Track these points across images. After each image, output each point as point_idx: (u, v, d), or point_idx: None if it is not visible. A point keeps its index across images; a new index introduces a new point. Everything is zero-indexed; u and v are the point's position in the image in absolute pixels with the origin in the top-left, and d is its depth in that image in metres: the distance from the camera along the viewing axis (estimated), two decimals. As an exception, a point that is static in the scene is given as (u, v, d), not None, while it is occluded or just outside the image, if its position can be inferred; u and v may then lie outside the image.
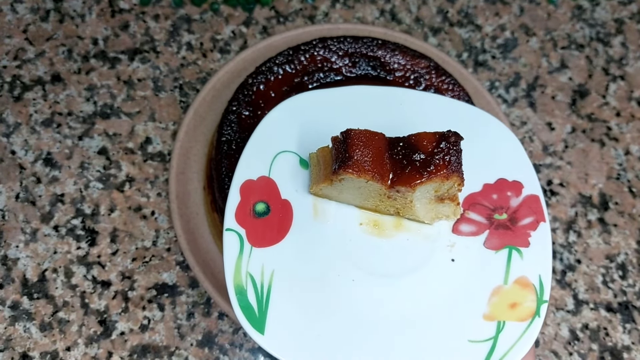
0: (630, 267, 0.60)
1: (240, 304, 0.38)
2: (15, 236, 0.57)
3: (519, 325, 0.39)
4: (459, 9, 0.70)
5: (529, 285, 0.41)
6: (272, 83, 0.55)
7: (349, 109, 0.46)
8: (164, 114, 0.63)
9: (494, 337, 0.39)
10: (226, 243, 0.40)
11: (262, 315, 0.38)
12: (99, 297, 0.55)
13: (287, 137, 0.44)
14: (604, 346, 0.57)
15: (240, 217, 0.41)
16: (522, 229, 0.43)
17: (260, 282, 0.39)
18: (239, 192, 0.41)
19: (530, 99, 0.66)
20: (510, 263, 0.42)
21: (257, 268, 0.39)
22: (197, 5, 0.68)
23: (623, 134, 0.65)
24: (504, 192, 0.44)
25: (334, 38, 0.56)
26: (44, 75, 0.63)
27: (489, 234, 0.43)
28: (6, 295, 0.55)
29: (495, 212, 0.43)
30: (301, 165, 0.43)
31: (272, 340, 0.38)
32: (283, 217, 0.42)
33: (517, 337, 0.39)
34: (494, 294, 0.40)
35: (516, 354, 0.38)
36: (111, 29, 0.66)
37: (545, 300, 0.40)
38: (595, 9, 0.71)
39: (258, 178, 0.42)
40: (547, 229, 0.43)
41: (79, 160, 0.60)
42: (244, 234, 0.40)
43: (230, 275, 0.39)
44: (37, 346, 0.53)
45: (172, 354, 0.54)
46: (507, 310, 0.40)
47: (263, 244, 0.40)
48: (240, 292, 0.38)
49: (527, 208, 0.43)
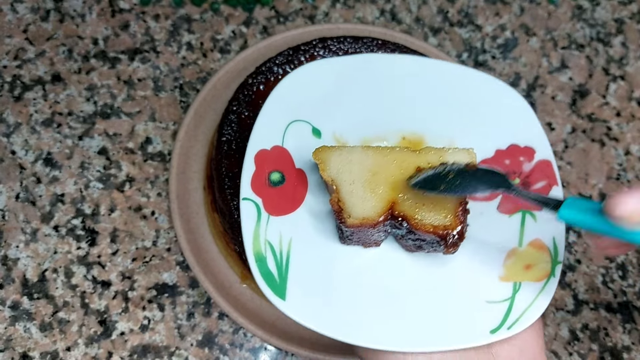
0: (630, 267, 0.60)
1: (260, 271, 0.38)
2: (15, 236, 0.57)
3: (535, 285, 0.40)
4: (459, 9, 0.70)
5: (544, 247, 0.41)
6: (272, 83, 0.55)
7: (359, 77, 0.46)
8: (164, 113, 0.63)
9: (510, 297, 0.40)
10: (243, 212, 0.40)
11: (282, 282, 0.38)
12: (99, 297, 0.55)
13: (298, 106, 0.44)
14: (604, 346, 0.57)
15: (256, 187, 0.41)
16: (535, 192, 0.43)
17: (279, 249, 0.39)
18: (253, 161, 0.41)
19: (530, 99, 0.66)
20: (524, 226, 0.42)
21: (275, 236, 0.40)
22: (197, 5, 0.68)
23: (623, 133, 0.65)
24: (516, 158, 0.44)
25: (334, 38, 0.56)
26: (44, 75, 0.63)
27: (502, 198, 0.43)
28: (6, 295, 0.55)
29: (509, 176, 0.43)
30: (314, 134, 0.44)
31: (293, 305, 0.38)
32: (298, 185, 0.42)
33: (534, 297, 0.39)
34: (509, 256, 0.41)
35: (533, 313, 0.39)
36: (111, 28, 0.66)
37: (559, 262, 0.40)
38: (595, 8, 0.71)
39: (272, 148, 0.42)
40: (560, 192, 0.43)
41: (79, 160, 0.60)
42: (260, 203, 0.40)
43: (249, 244, 0.39)
44: (37, 346, 0.53)
45: (172, 354, 0.54)
46: (522, 271, 0.40)
47: (280, 212, 0.41)
48: (260, 259, 0.39)
49: (540, 172, 0.44)
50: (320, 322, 0.38)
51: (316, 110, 0.44)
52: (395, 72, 0.46)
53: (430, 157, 0.40)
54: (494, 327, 0.38)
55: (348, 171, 0.39)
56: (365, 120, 0.45)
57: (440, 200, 0.38)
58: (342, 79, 0.45)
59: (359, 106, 0.45)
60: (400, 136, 0.45)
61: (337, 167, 0.39)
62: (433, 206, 0.38)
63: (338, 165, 0.40)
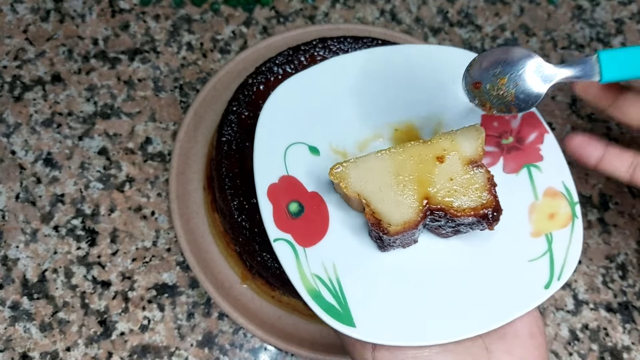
0: (630, 267, 0.60)
1: (321, 306, 0.37)
2: (15, 236, 0.57)
3: (564, 231, 0.41)
4: (459, 9, 0.70)
5: (558, 194, 0.43)
6: (272, 83, 0.55)
7: (335, 83, 0.45)
8: (164, 114, 0.63)
9: (548, 249, 0.41)
10: (280, 254, 0.39)
11: (345, 310, 0.38)
12: (99, 297, 0.55)
13: (287, 129, 0.43)
14: (604, 346, 0.57)
15: (281, 223, 0.40)
16: (531, 145, 0.44)
17: (328, 278, 0.39)
18: (267, 199, 0.40)
19: (530, 99, 0.66)
20: (533, 180, 0.43)
21: (319, 267, 0.39)
22: (197, 5, 0.68)
23: (623, 134, 0.65)
24: (502, 117, 0.45)
25: (334, 38, 0.56)
26: (44, 75, 0.63)
27: (503, 160, 0.44)
28: (6, 296, 0.55)
29: (501, 138, 0.45)
30: (312, 152, 0.43)
31: (365, 329, 0.37)
32: (318, 209, 0.41)
33: (568, 242, 0.41)
34: (531, 212, 0.42)
35: (573, 257, 0.40)
36: (111, 29, 0.66)
37: (576, 202, 0.42)
38: (595, 9, 0.72)
39: (279, 179, 0.41)
40: (553, 138, 0.44)
41: (79, 161, 0.60)
42: (291, 238, 0.39)
43: (299, 284, 0.38)
44: (37, 346, 0.53)
45: (172, 354, 0.54)
46: (548, 222, 0.42)
47: (312, 241, 0.40)
48: (316, 295, 0.38)
49: (528, 125, 0.45)
50: (395, 335, 0.37)
51: (306, 128, 0.44)
52: (368, 69, 0.46)
53: (443, 143, 0.40)
54: (546, 282, 0.40)
55: (371, 180, 0.39)
56: (355, 123, 0.45)
57: (468, 181, 0.39)
58: (319, 90, 0.45)
59: (345, 111, 0.45)
60: (392, 129, 0.45)
61: (359, 179, 0.39)
62: (464, 189, 0.39)
63: (359, 177, 0.39)
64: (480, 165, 0.40)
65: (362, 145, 0.44)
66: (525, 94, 0.40)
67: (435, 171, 0.39)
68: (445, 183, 0.39)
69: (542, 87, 0.40)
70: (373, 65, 0.46)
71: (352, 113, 0.45)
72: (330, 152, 0.43)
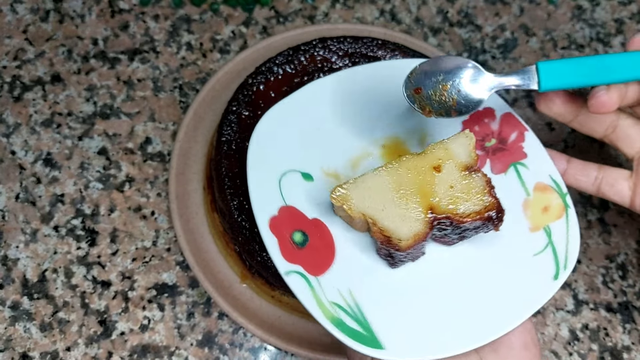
0: (630, 267, 0.60)
1: (346, 333, 0.37)
2: (15, 236, 0.57)
3: (560, 222, 0.43)
4: (459, 9, 0.70)
5: (547, 187, 0.44)
6: (272, 83, 0.55)
7: (317, 106, 0.46)
8: (164, 114, 0.63)
9: (549, 241, 0.43)
10: (294, 287, 0.38)
11: (369, 333, 0.38)
12: (99, 297, 0.55)
13: (277, 158, 0.43)
14: (604, 346, 0.57)
15: (289, 256, 0.39)
16: (513, 144, 0.46)
17: (347, 304, 0.38)
18: (270, 233, 0.40)
19: (530, 99, 0.66)
20: (521, 177, 0.45)
21: (335, 294, 0.39)
22: (196, 5, 0.68)
23: (623, 134, 0.65)
24: (482, 121, 0.47)
25: (334, 38, 0.56)
26: (44, 75, 0.63)
27: (490, 161, 0.46)
28: (6, 296, 0.55)
29: (485, 141, 0.46)
30: (305, 178, 0.43)
31: (394, 349, 0.37)
32: (322, 235, 0.41)
33: (566, 231, 0.43)
34: (526, 208, 0.44)
35: (574, 245, 0.42)
36: (111, 29, 0.66)
37: (565, 193, 0.44)
38: (595, 9, 0.71)
39: (279, 211, 0.41)
40: (533, 135, 0.46)
41: (79, 161, 0.60)
42: (301, 269, 0.39)
43: (319, 314, 0.38)
44: (37, 346, 0.53)
45: (172, 354, 0.54)
46: (543, 216, 0.43)
47: (323, 269, 0.40)
48: (339, 323, 0.38)
49: (507, 125, 0.46)
50: (422, 350, 0.37)
51: (295, 155, 0.43)
52: (347, 89, 0.46)
53: (437, 153, 0.40)
54: (553, 274, 0.41)
55: (373, 199, 0.39)
56: (342, 144, 0.45)
57: (468, 187, 0.39)
58: (303, 115, 0.45)
59: (331, 133, 0.45)
60: (380, 145, 0.45)
61: (361, 199, 0.39)
62: (466, 195, 0.39)
63: (360, 197, 0.39)
64: (476, 169, 0.40)
65: (353, 164, 0.44)
66: (467, 100, 0.42)
67: (435, 181, 0.40)
68: (447, 191, 0.39)
69: (484, 94, 0.42)
70: (352, 85, 0.46)
71: (338, 134, 0.45)
72: (323, 175, 0.43)
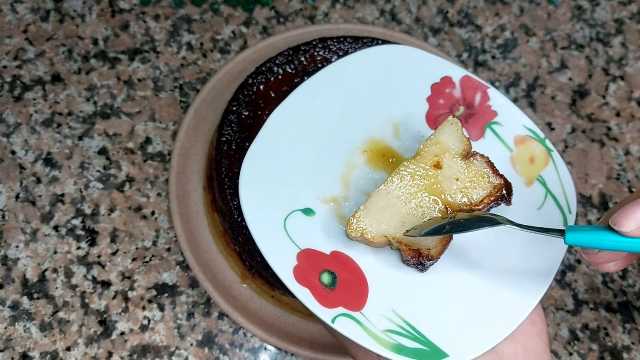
0: (630, 267, 0.60)
1: (411, 356, 0.37)
2: (15, 236, 0.57)
3: (549, 168, 0.44)
4: (459, 9, 0.70)
5: (526, 138, 0.45)
6: (272, 83, 0.55)
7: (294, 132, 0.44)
8: (164, 114, 0.63)
9: (545, 190, 0.43)
10: (345, 330, 0.37)
11: (431, 346, 0.37)
12: (99, 297, 0.55)
13: (272, 202, 0.41)
14: (604, 346, 0.57)
15: (326, 302, 0.38)
16: (480, 106, 0.46)
17: (399, 327, 0.38)
18: (299, 285, 0.38)
19: (530, 99, 0.66)
20: (498, 135, 0.45)
21: (384, 322, 0.38)
22: (197, 5, 0.68)
23: (623, 134, 0.65)
24: (444, 91, 0.46)
25: (334, 38, 0.56)
26: (44, 75, 0.63)
27: (466, 130, 0.45)
28: (6, 295, 0.55)
29: (453, 111, 0.46)
30: (306, 214, 0.41)
31: (457, 353, 0.37)
32: (347, 267, 0.40)
33: (557, 175, 0.44)
34: (514, 164, 0.44)
35: (569, 187, 0.43)
36: (111, 29, 0.66)
37: (544, 138, 0.45)
38: (595, 9, 0.72)
39: (297, 258, 0.39)
40: (495, 91, 0.46)
41: (79, 160, 0.60)
42: (344, 310, 0.38)
43: (378, 347, 0.37)
44: (37, 346, 0.53)
45: (172, 354, 0.54)
46: (531, 167, 0.44)
47: (362, 301, 0.39)
48: (400, 349, 0.37)
49: (469, 89, 0.46)
50: (478, 345, 0.37)
51: (288, 194, 0.42)
52: (308, 108, 0.45)
53: (431, 150, 0.40)
54: (561, 222, 0.42)
55: (389, 218, 0.39)
56: (326, 165, 0.43)
57: (473, 174, 0.40)
58: (280, 150, 0.43)
59: (311, 158, 0.43)
60: (362, 152, 0.44)
61: (378, 224, 0.38)
62: (474, 183, 0.40)
63: (377, 222, 0.38)
64: (473, 154, 0.40)
65: (344, 182, 0.43)
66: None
67: (439, 179, 0.39)
68: (454, 185, 0.39)
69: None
70: (312, 101, 0.45)
71: (318, 156, 0.43)
72: (322, 204, 0.42)
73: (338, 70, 0.46)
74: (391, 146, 0.44)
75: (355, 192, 0.42)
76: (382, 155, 0.43)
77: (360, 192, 0.42)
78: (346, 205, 0.42)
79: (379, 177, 0.43)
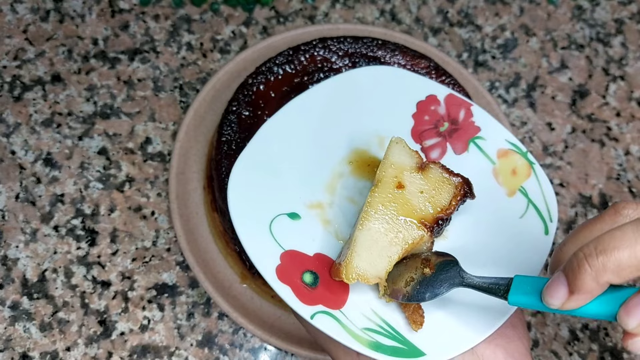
0: (630, 267, 0.60)
1: (388, 354, 0.37)
2: (15, 236, 0.57)
3: (531, 180, 0.45)
4: (459, 9, 0.70)
5: (508, 151, 0.46)
6: (272, 83, 0.55)
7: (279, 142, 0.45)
8: (164, 114, 0.63)
9: (527, 201, 0.44)
10: (323, 327, 0.38)
11: (408, 344, 0.38)
12: (99, 297, 0.55)
13: (259, 206, 0.42)
14: (604, 346, 0.57)
15: (307, 299, 0.39)
16: (464, 121, 0.47)
17: (377, 325, 0.39)
18: (281, 283, 0.39)
19: (530, 99, 0.66)
20: (482, 149, 0.47)
21: (362, 320, 0.39)
22: (197, 5, 0.68)
23: (623, 134, 0.65)
24: (429, 109, 0.48)
25: (334, 38, 0.57)
26: (44, 75, 0.63)
27: (450, 144, 0.47)
28: (6, 295, 0.55)
29: (438, 127, 0.47)
30: (292, 218, 0.42)
31: (433, 351, 0.38)
32: (329, 267, 0.41)
33: (539, 187, 0.45)
34: (497, 176, 0.46)
35: (550, 197, 0.44)
36: (111, 29, 0.66)
37: (526, 152, 0.46)
38: (595, 9, 0.72)
39: (280, 258, 0.40)
40: (478, 108, 0.48)
41: (79, 160, 0.60)
42: (324, 308, 0.39)
43: (356, 345, 0.37)
44: (37, 346, 0.53)
45: (172, 354, 0.54)
46: (514, 178, 0.45)
47: (343, 300, 0.40)
48: (377, 346, 0.37)
49: (453, 106, 0.48)
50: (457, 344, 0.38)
51: (276, 198, 0.43)
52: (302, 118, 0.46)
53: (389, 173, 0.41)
54: (542, 230, 0.43)
55: (377, 258, 0.39)
56: (313, 172, 0.44)
57: (433, 182, 0.41)
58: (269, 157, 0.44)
59: (299, 164, 0.44)
60: (347, 163, 0.45)
61: (367, 266, 0.39)
62: (437, 190, 0.41)
63: (366, 263, 0.39)
64: (426, 164, 0.41)
65: (330, 189, 0.44)
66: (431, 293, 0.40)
67: (407, 197, 0.40)
68: (420, 198, 0.40)
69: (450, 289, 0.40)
70: (306, 112, 0.46)
71: (306, 163, 0.45)
72: (308, 209, 0.43)
73: (329, 86, 0.47)
74: (377, 156, 0.45)
75: (341, 198, 0.44)
76: (367, 165, 0.45)
77: (345, 199, 0.44)
78: (331, 211, 0.43)
79: (364, 185, 0.44)
